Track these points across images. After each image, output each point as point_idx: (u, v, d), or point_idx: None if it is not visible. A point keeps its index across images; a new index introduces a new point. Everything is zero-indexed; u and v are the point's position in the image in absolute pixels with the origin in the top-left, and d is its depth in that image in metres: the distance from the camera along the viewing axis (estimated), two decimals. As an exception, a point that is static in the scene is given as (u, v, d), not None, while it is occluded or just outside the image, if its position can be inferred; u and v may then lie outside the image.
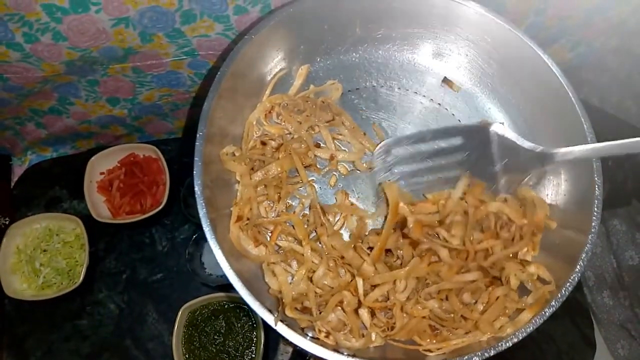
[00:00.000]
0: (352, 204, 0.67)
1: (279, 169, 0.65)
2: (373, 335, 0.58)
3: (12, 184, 1.03)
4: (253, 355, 0.86)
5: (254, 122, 0.69)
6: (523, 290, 0.61)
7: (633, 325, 0.96)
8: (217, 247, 0.56)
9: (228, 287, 0.90)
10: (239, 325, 0.88)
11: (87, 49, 0.71)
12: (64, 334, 0.92)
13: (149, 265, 0.97)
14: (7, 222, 0.96)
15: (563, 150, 0.60)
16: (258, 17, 0.71)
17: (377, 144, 0.70)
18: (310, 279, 0.60)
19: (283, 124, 0.69)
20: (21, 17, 0.63)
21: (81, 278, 0.89)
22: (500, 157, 0.65)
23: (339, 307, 0.58)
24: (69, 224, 0.96)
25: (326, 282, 0.60)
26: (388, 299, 0.59)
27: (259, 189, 0.64)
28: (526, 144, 0.63)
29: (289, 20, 0.66)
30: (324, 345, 0.54)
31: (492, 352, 0.52)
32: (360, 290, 0.58)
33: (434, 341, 0.58)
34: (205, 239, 0.91)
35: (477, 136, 0.66)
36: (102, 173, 0.99)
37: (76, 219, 0.94)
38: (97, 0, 0.63)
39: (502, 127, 0.66)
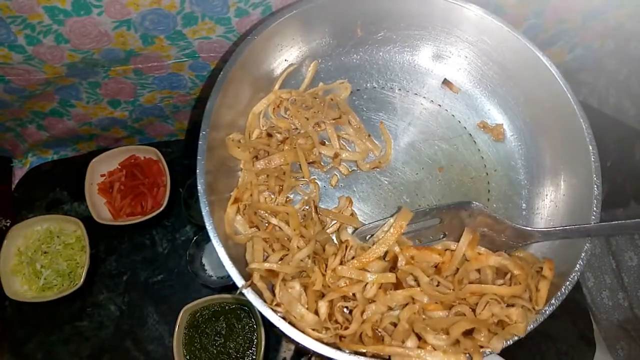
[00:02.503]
0: (352, 213, 0.67)
1: (282, 161, 0.65)
2: (323, 307, 0.56)
3: (13, 186, 1.03)
4: (254, 357, 0.86)
5: (258, 114, 0.69)
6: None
7: (632, 325, 0.96)
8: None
9: (229, 288, 0.91)
10: (240, 326, 0.88)
11: (88, 51, 0.71)
12: (65, 336, 0.92)
13: (150, 266, 0.97)
14: (8, 224, 0.96)
15: (544, 229, 0.60)
16: (259, 19, 0.72)
17: (381, 146, 0.71)
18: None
19: (290, 118, 0.70)
20: (23, 20, 0.64)
21: (82, 280, 0.89)
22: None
23: (302, 286, 0.57)
24: (70, 225, 0.96)
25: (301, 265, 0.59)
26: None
27: (260, 177, 0.65)
28: (506, 221, 0.61)
29: (289, 22, 0.66)
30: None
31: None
32: (331, 266, 0.57)
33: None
34: (205, 241, 0.93)
35: (456, 214, 0.63)
36: (102, 175, 0.99)
37: (77, 221, 0.94)
38: (99, 3, 0.63)
39: (481, 205, 0.62)
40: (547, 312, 0.55)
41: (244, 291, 0.54)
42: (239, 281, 0.54)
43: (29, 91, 0.79)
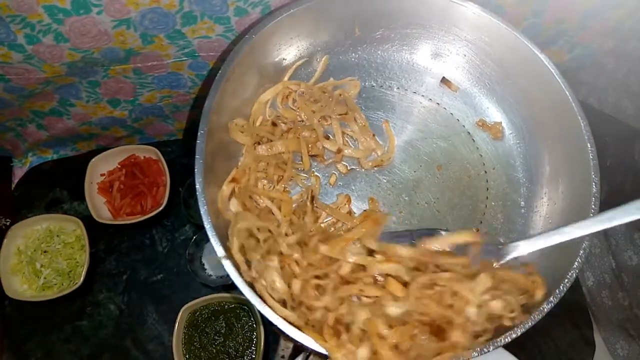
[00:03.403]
0: (349, 211, 0.67)
1: (284, 148, 0.65)
2: (297, 284, 0.54)
3: (13, 185, 1.03)
4: (253, 356, 0.86)
5: (265, 103, 0.69)
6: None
7: (632, 325, 0.96)
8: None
9: (228, 287, 0.91)
10: (239, 325, 0.88)
11: (88, 50, 0.71)
12: (64, 335, 0.92)
13: (150, 266, 0.97)
14: (7, 224, 0.96)
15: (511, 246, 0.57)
16: (258, 18, 0.72)
17: (383, 145, 0.71)
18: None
19: (297, 110, 0.70)
20: (23, 19, 0.64)
21: (81, 279, 0.89)
22: None
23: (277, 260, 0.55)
24: (70, 225, 0.96)
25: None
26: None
27: (260, 165, 0.65)
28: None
29: (287, 21, 0.66)
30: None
31: (491, 348, 0.52)
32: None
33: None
34: (205, 240, 0.94)
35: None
36: (102, 174, 0.99)
37: (77, 220, 0.94)
38: (98, 2, 0.64)
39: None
40: (545, 309, 0.54)
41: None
42: (238, 280, 0.54)
43: (29, 90, 0.80)
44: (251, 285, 0.54)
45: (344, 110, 0.70)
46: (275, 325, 0.53)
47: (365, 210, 0.67)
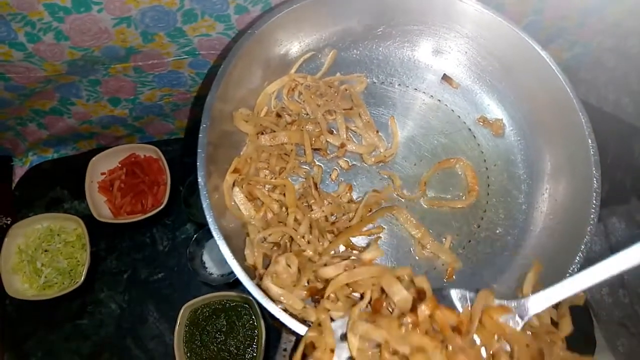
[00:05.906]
0: (350, 200, 0.67)
1: (287, 140, 0.65)
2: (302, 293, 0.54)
3: (14, 184, 1.03)
4: (254, 354, 0.86)
5: (270, 94, 0.70)
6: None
7: (632, 322, 0.96)
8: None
9: (229, 285, 0.91)
10: (240, 323, 0.88)
11: (89, 48, 0.71)
12: (65, 334, 0.92)
13: (150, 264, 0.97)
14: (8, 223, 0.97)
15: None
16: (258, 15, 0.72)
17: (387, 142, 0.71)
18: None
19: (302, 103, 0.70)
20: (24, 17, 0.64)
21: (82, 278, 0.89)
22: None
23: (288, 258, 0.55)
24: (70, 224, 0.96)
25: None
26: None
27: (262, 155, 0.65)
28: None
29: (288, 17, 0.66)
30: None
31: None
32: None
33: None
34: (206, 239, 0.93)
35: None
36: (103, 173, 0.99)
37: (77, 219, 0.94)
38: (98, 0, 0.64)
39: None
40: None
41: (237, 273, 0.53)
42: (240, 274, 0.54)
43: (29, 89, 0.80)
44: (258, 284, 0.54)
45: (349, 105, 0.70)
46: (278, 320, 0.53)
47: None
